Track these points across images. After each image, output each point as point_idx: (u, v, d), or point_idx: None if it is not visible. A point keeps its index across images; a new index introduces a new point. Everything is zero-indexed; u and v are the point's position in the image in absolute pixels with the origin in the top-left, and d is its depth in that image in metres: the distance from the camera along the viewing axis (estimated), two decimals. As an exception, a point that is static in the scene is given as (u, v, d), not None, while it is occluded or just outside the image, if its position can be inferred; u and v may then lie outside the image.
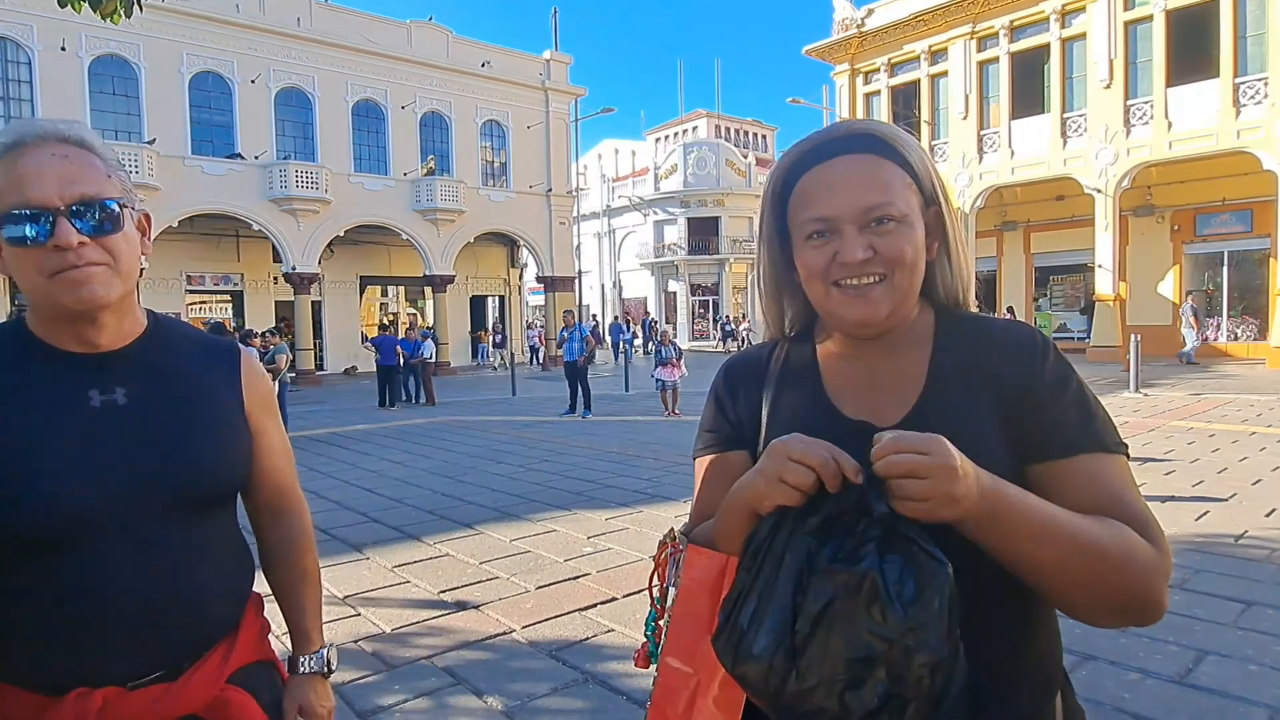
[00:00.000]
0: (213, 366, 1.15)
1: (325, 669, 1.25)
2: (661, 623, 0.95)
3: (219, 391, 1.14)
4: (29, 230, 0.95)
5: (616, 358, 27.22)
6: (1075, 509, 0.80)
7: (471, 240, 25.10)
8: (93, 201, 0.97)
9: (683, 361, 12.29)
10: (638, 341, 30.89)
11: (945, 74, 21.45)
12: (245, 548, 1.19)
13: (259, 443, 1.18)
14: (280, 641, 1.30)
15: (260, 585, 1.22)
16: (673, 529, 1.01)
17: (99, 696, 0.97)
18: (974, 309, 0.99)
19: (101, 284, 0.99)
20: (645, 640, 0.98)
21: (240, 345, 1.24)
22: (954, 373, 0.91)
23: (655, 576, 0.98)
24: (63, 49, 18.29)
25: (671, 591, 0.93)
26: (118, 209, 1.01)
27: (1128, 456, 0.88)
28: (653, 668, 0.93)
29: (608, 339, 28.18)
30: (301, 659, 1.24)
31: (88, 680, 0.98)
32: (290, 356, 11.73)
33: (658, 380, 12.24)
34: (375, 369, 15.55)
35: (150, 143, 19.21)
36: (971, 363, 0.91)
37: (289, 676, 1.24)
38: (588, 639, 3.54)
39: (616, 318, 34.56)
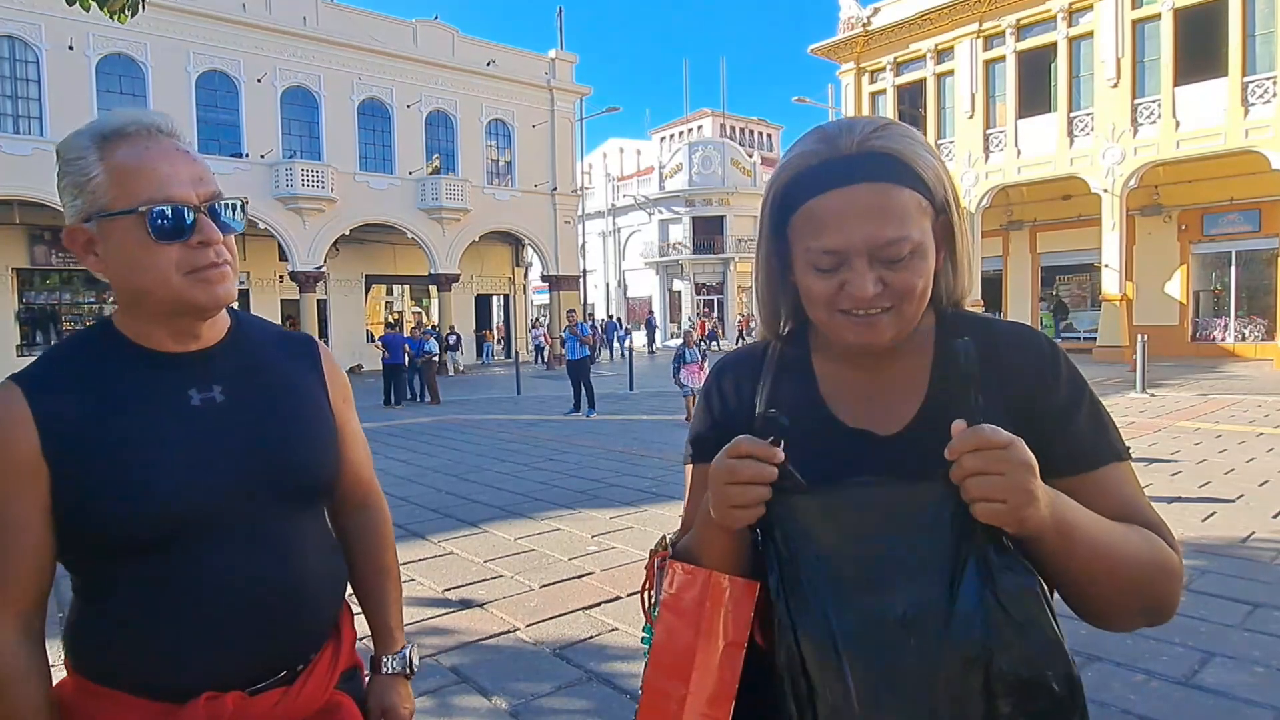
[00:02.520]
0: (296, 360, 1.14)
1: (408, 669, 1.23)
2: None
3: (307, 384, 1.13)
4: (176, 225, 0.93)
5: (611, 356, 27.26)
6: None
7: (476, 239, 25.15)
8: (218, 199, 0.97)
9: (708, 363, 11.61)
10: (641, 341, 30.86)
11: (951, 73, 21.37)
12: (338, 544, 1.18)
13: (343, 435, 1.16)
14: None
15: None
16: (664, 537, 0.98)
17: (230, 700, 0.95)
18: (976, 308, 0.97)
19: (231, 283, 0.99)
20: (646, 649, 0.96)
21: (310, 337, 1.22)
22: (957, 379, 0.88)
23: (645, 586, 0.96)
24: (70, 48, 18.37)
25: (657, 606, 0.91)
26: (238, 208, 1.01)
27: (1131, 460, 0.88)
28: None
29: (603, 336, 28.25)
30: (385, 658, 1.22)
31: (213, 685, 0.95)
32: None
33: (682, 385, 11.27)
34: (381, 367, 15.60)
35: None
36: (976, 369, 0.89)
37: (373, 676, 1.22)
38: (592, 638, 3.55)
39: (611, 316, 34.59)
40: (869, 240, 0.80)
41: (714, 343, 27.86)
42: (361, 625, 1.24)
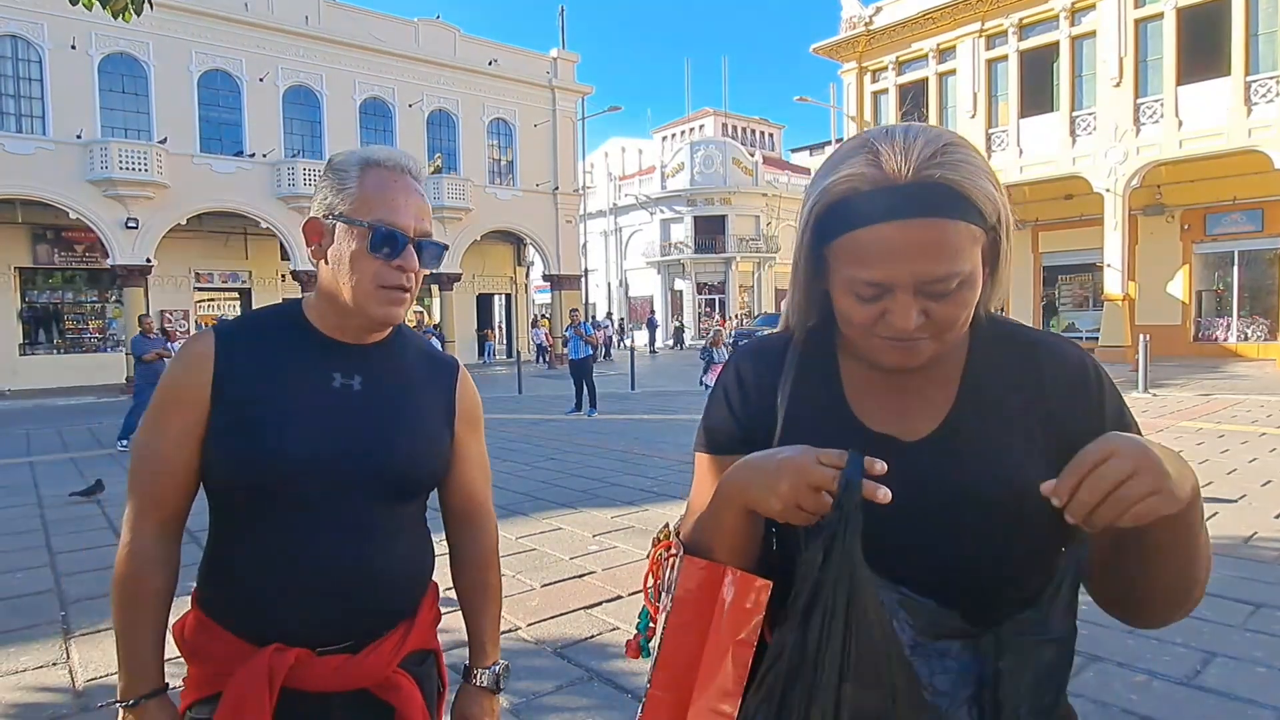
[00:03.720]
0: (433, 375, 1.28)
1: (496, 685, 1.32)
2: (654, 625, 0.90)
3: (433, 397, 1.26)
4: (390, 245, 1.11)
5: (606, 354, 27.29)
6: (1145, 529, 0.77)
7: (478, 238, 25.16)
8: (429, 237, 1.16)
9: None
10: (642, 340, 30.84)
11: (953, 72, 21.36)
12: (430, 542, 1.27)
13: (459, 454, 1.29)
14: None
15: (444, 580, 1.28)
16: (668, 524, 0.96)
17: (293, 655, 1.08)
18: (1000, 311, 0.92)
19: (405, 307, 1.17)
20: (637, 633, 0.94)
21: (455, 361, 1.35)
22: (989, 387, 0.86)
23: (649, 574, 0.94)
24: (73, 47, 18.39)
25: (666, 598, 0.89)
26: (442, 249, 1.21)
27: None
28: (647, 662, 0.90)
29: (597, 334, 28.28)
30: (477, 671, 1.32)
31: (285, 638, 1.09)
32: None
33: (707, 387, 11.19)
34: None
35: (161, 141, 19.31)
36: (1012, 380, 0.86)
37: (463, 685, 1.32)
38: (593, 637, 3.55)
39: (608, 314, 34.62)
40: (916, 276, 0.76)
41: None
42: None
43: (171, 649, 1.14)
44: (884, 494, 0.72)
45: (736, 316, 33.43)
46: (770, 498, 0.76)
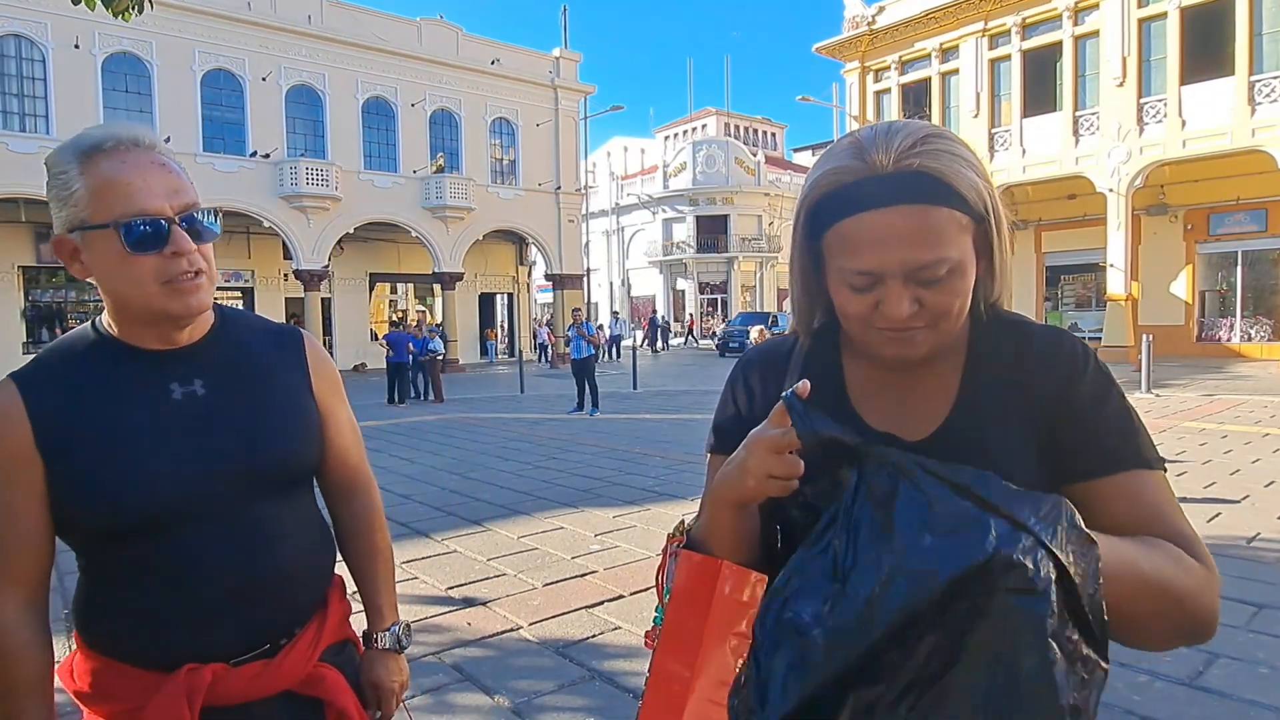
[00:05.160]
0: (279, 352, 1.19)
1: (398, 644, 1.30)
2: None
3: (288, 376, 1.18)
4: (150, 237, 0.98)
5: (607, 356, 27.30)
6: (1117, 528, 0.77)
7: (480, 238, 25.16)
8: (194, 210, 1.03)
9: None
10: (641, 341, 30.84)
11: (956, 72, 21.34)
12: (325, 527, 1.24)
13: (328, 423, 1.22)
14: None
15: (340, 569, 1.27)
16: (683, 520, 0.99)
17: (208, 671, 1.03)
18: (1008, 305, 0.93)
19: (206, 292, 1.05)
20: (654, 626, 0.97)
21: (296, 330, 1.27)
22: (989, 385, 0.86)
23: (661, 569, 0.97)
24: (76, 46, 18.42)
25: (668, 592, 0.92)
26: (214, 216, 1.08)
27: (1164, 471, 0.84)
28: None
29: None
30: (376, 634, 1.29)
31: (195, 657, 1.03)
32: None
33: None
34: (385, 365, 15.64)
35: (165, 141, 19.27)
36: (1008, 374, 0.86)
37: (366, 651, 1.29)
38: (594, 636, 3.55)
39: (613, 312, 34.65)
40: (904, 264, 0.78)
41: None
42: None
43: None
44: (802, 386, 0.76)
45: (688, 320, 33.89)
46: (745, 478, 0.79)
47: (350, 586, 1.29)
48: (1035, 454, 0.83)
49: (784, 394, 0.78)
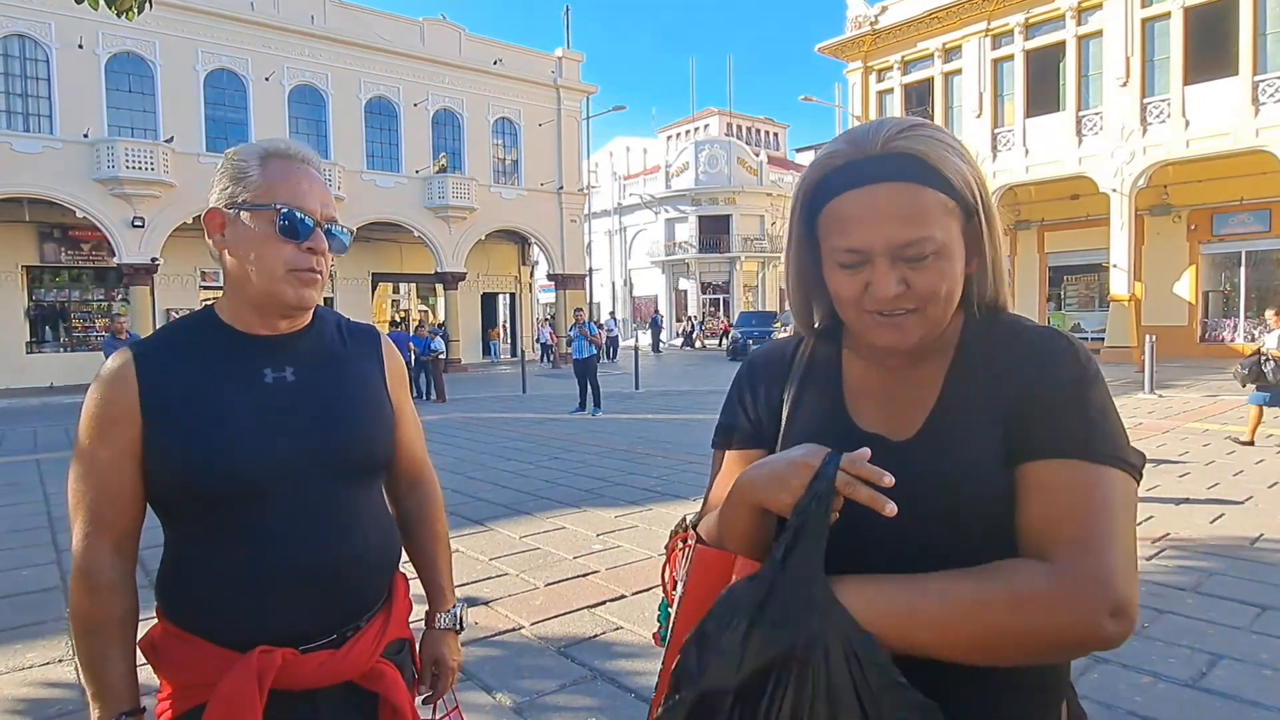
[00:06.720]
0: (361, 348, 1.29)
1: (457, 625, 1.40)
2: (672, 610, 0.94)
3: (369, 371, 1.27)
4: (298, 228, 1.12)
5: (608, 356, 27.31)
6: (1022, 521, 0.78)
7: (483, 238, 25.17)
8: (335, 223, 1.18)
9: None
10: (645, 340, 30.82)
11: (959, 72, 21.31)
12: (393, 522, 1.31)
13: (398, 416, 1.30)
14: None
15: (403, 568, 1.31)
16: (685, 517, 1.00)
17: (279, 655, 1.08)
18: (1010, 308, 0.92)
19: (318, 291, 1.17)
20: (659, 624, 0.99)
21: (374, 328, 1.36)
22: (973, 383, 0.86)
23: (666, 566, 0.98)
24: (80, 46, 18.44)
25: (681, 588, 0.93)
26: (349, 233, 1.22)
27: (1133, 475, 0.79)
28: (657, 659, 0.93)
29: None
30: (438, 615, 1.39)
31: (267, 638, 1.08)
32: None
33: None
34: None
35: (168, 141, 19.38)
36: (993, 371, 0.86)
37: (427, 630, 1.38)
38: (596, 636, 3.55)
39: (610, 313, 34.67)
40: (890, 240, 0.80)
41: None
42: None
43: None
44: (891, 509, 0.73)
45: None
46: (782, 494, 0.79)
47: (414, 589, 1.33)
48: (1001, 449, 0.82)
49: (830, 452, 0.79)
